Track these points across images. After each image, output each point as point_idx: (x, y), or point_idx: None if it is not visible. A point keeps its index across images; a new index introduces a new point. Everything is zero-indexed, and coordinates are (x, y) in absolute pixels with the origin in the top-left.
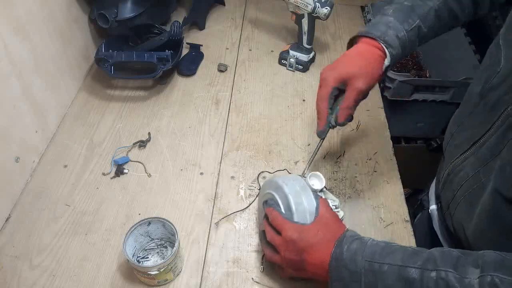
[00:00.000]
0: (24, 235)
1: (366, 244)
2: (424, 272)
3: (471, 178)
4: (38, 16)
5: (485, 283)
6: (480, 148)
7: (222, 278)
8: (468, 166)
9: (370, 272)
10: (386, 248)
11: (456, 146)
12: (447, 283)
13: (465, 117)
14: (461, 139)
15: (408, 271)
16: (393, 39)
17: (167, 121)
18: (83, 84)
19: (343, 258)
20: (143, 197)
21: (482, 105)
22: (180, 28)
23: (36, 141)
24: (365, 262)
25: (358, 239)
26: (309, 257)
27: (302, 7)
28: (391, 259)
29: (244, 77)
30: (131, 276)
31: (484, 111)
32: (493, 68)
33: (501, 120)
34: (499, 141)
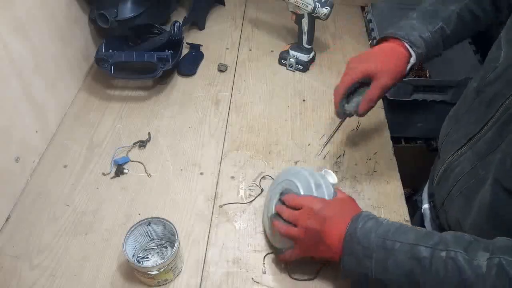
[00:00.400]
0: (24, 235)
1: (381, 223)
2: (435, 252)
3: (468, 173)
4: (38, 16)
5: (493, 265)
6: (477, 143)
7: (222, 278)
8: (465, 161)
9: (381, 249)
10: (400, 228)
11: (452, 142)
12: (456, 263)
13: (461, 114)
14: (457, 135)
15: (419, 250)
16: (417, 39)
17: (167, 121)
18: (83, 84)
19: (357, 234)
20: (143, 197)
21: (479, 101)
22: (180, 28)
23: (36, 141)
24: (377, 239)
25: (373, 218)
26: (328, 228)
27: (302, 7)
28: (404, 238)
29: (244, 77)
30: (131, 276)
31: (480, 107)
32: (491, 65)
33: (499, 114)
34: (497, 135)
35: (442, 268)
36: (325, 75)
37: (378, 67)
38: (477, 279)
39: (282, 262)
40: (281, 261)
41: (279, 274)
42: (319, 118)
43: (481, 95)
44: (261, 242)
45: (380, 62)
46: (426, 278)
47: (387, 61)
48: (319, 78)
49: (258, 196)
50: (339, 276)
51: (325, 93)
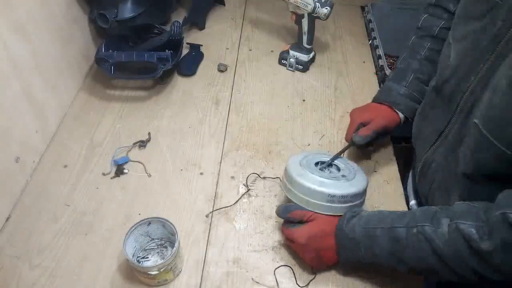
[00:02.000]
0: (24, 235)
1: (362, 216)
2: (408, 230)
3: (443, 168)
4: (38, 16)
5: (452, 230)
6: (446, 138)
7: (222, 278)
8: (439, 156)
9: (366, 238)
10: (379, 214)
11: (424, 139)
12: (424, 236)
13: (426, 112)
14: (428, 132)
15: (396, 231)
16: (396, 98)
17: (167, 121)
18: (83, 84)
19: (343, 229)
20: (143, 197)
21: (440, 98)
22: (180, 28)
23: (36, 141)
24: (361, 229)
25: (356, 215)
26: (323, 250)
27: (302, 7)
28: (382, 223)
29: (244, 77)
30: (131, 276)
31: (443, 103)
32: (444, 63)
33: (460, 109)
34: (462, 128)
35: (416, 242)
36: (325, 75)
37: (372, 116)
38: (444, 245)
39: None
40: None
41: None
42: (319, 118)
43: (440, 94)
44: (261, 242)
45: (375, 113)
46: (407, 254)
47: (381, 113)
48: (319, 78)
49: (244, 195)
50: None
51: (325, 93)
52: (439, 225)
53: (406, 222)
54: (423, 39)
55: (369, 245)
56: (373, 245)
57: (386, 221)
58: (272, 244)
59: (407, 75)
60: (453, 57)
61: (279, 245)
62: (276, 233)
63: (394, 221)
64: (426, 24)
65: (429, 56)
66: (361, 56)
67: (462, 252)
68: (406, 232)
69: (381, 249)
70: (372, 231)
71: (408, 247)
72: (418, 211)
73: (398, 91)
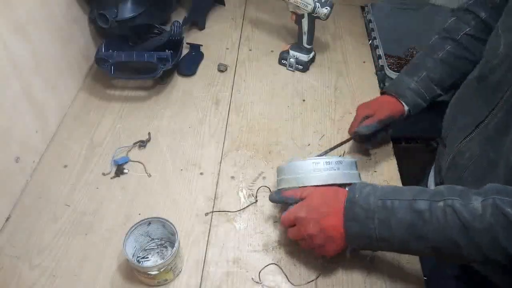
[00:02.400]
0: (24, 235)
1: (377, 187)
2: (432, 203)
3: (479, 157)
4: (38, 16)
5: (488, 205)
6: (486, 128)
7: (222, 278)
8: (474, 146)
9: (382, 209)
10: (396, 188)
11: (459, 130)
12: (453, 209)
13: (465, 102)
14: (463, 123)
15: (418, 203)
16: (404, 91)
17: (167, 121)
18: (83, 84)
19: (356, 199)
20: (143, 197)
21: (482, 87)
22: (180, 28)
23: (36, 141)
24: (377, 200)
25: (369, 185)
26: (327, 220)
27: (302, 7)
28: (401, 196)
29: (244, 77)
30: (131, 276)
31: (485, 93)
32: (492, 52)
33: (506, 99)
34: (507, 118)
35: (441, 216)
36: (325, 75)
37: (375, 109)
38: (474, 220)
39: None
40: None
41: None
42: (319, 118)
43: (483, 82)
44: (261, 242)
45: (378, 105)
46: (428, 229)
47: (386, 104)
48: (319, 78)
49: (250, 205)
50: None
51: (325, 93)
52: (470, 200)
53: (429, 195)
54: (445, 41)
55: (385, 217)
56: (390, 217)
57: (405, 194)
58: (272, 244)
59: (419, 72)
60: (503, 47)
61: (279, 245)
62: (276, 233)
63: (415, 194)
64: (451, 27)
65: (446, 58)
66: (361, 56)
67: (497, 229)
68: (429, 205)
69: (398, 222)
70: (389, 202)
71: (431, 221)
72: (443, 187)
73: (407, 85)
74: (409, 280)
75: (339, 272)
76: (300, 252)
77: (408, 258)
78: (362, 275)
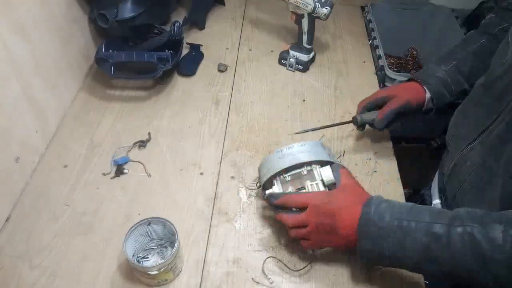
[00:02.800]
0: (24, 235)
1: (394, 205)
2: (451, 228)
3: (479, 166)
4: (38, 16)
5: (508, 236)
6: (488, 137)
7: (222, 278)
8: (475, 155)
9: (398, 229)
10: (414, 208)
11: (462, 137)
12: (473, 237)
13: (468, 110)
14: (466, 130)
15: (435, 227)
16: (429, 77)
17: (167, 121)
18: (83, 84)
19: (372, 216)
20: (143, 197)
21: (487, 95)
22: (180, 28)
23: (36, 141)
24: (393, 220)
25: (385, 201)
26: (341, 218)
27: (302, 7)
28: (419, 217)
29: (244, 77)
30: (131, 276)
31: (490, 101)
32: (499, 60)
33: (510, 108)
34: (509, 128)
35: (459, 242)
36: (325, 75)
37: (399, 91)
38: (494, 250)
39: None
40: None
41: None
42: (319, 118)
43: (489, 90)
44: (261, 242)
45: (401, 89)
46: (443, 253)
47: (406, 89)
48: (319, 78)
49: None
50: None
51: (325, 93)
52: (490, 229)
53: (448, 219)
54: (480, 35)
55: (400, 237)
56: (406, 238)
57: (423, 216)
58: (272, 244)
59: (449, 61)
60: (510, 56)
61: (279, 245)
62: (277, 233)
63: (433, 217)
64: (488, 22)
65: (478, 51)
66: (361, 56)
67: None
68: (447, 229)
69: (413, 244)
70: (406, 223)
71: (448, 246)
72: (462, 211)
73: (434, 72)
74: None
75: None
76: (299, 251)
77: None
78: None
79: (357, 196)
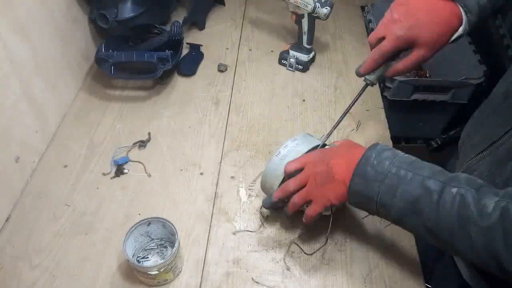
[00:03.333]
0: (24, 235)
1: (397, 154)
2: (446, 187)
3: (485, 178)
4: (38, 16)
5: (498, 207)
6: (498, 149)
7: (222, 278)
8: (484, 166)
9: (394, 176)
10: (416, 162)
11: (473, 146)
12: (464, 200)
13: (484, 117)
14: (478, 139)
15: (431, 182)
16: (473, 5)
17: (167, 121)
18: (83, 84)
19: (372, 159)
20: (143, 197)
21: (506, 105)
22: (180, 28)
23: (36, 141)
24: (392, 167)
25: (390, 149)
26: (336, 163)
27: (302, 7)
28: (419, 171)
29: (244, 77)
30: (131, 276)
31: (506, 112)
32: None
33: None
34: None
35: (449, 201)
36: (325, 75)
37: (421, 30)
38: (481, 217)
39: (308, 223)
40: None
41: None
42: (319, 118)
43: (509, 100)
44: (261, 242)
45: (428, 31)
46: (431, 208)
47: (435, 28)
48: (319, 78)
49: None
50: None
51: (325, 93)
52: (484, 197)
53: (446, 178)
54: None
55: (393, 184)
56: (399, 187)
57: (423, 170)
58: (272, 244)
59: None
60: None
61: (280, 245)
62: (277, 233)
63: (433, 173)
64: None
65: None
66: (361, 56)
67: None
68: (442, 186)
69: (404, 193)
70: (404, 173)
71: (437, 203)
72: (463, 175)
73: None
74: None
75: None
76: (300, 251)
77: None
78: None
79: (353, 146)
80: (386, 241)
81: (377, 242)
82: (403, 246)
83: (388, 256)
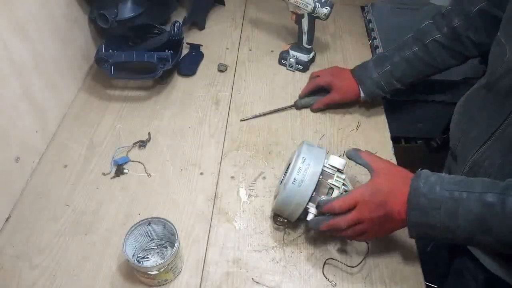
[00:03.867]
0: (24, 235)
1: (444, 177)
2: (505, 197)
3: (500, 164)
4: (38, 16)
5: None
6: (502, 135)
7: (222, 278)
8: (495, 153)
9: (450, 200)
10: (464, 180)
11: (472, 140)
12: None
13: (473, 112)
14: (475, 133)
15: (488, 196)
16: (365, 78)
17: (167, 121)
18: (83, 84)
19: (421, 189)
20: (143, 197)
21: (493, 95)
22: (180, 28)
23: (36, 141)
24: (444, 191)
25: (435, 174)
26: (392, 203)
27: (302, 7)
28: (470, 188)
29: (244, 77)
30: (131, 276)
31: (496, 100)
32: (499, 59)
33: None
34: None
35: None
36: None
37: (337, 85)
38: None
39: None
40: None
41: None
42: (319, 118)
43: (493, 90)
44: (261, 242)
45: (339, 82)
46: (498, 221)
47: (343, 85)
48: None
49: None
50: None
51: None
52: None
53: (501, 189)
54: (415, 42)
55: (452, 208)
56: (458, 209)
57: (475, 187)
58: (272, 244)
59: (384, 65)
60: (509, 54)
61: (279, 245)
62: (276, 233)
63: (485, 187)
64: (424, 30)
65: (410, 58)
66: (361, 56)
67: None
68: (501, 198)
69: (466, 214)
70: (458, 194)
71: (503, 214)
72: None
73: (370, 74)
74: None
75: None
76: (300, 251)
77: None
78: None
79: (399, 176)
80: (386, 241)
81: (377, 242)
82: (403, 246)
83: (388, 256)
